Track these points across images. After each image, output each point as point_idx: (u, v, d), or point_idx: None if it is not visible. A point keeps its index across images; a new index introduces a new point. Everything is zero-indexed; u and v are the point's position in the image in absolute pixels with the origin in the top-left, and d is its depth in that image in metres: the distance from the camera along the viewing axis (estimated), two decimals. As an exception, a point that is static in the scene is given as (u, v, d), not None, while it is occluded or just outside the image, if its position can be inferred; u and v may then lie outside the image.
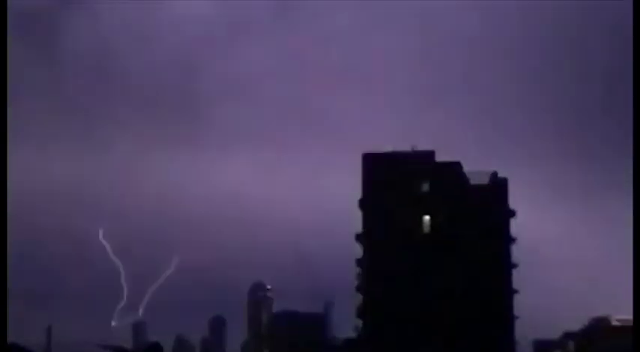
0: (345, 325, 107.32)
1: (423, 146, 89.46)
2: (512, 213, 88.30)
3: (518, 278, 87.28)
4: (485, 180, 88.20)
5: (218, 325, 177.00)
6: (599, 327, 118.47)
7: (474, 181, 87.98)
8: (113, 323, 75.02)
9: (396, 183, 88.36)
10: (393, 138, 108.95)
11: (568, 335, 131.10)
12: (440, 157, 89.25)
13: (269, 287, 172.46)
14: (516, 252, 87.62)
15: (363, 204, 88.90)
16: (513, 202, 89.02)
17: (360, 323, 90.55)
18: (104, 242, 77.05)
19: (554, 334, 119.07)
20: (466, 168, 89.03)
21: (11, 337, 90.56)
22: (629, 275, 67.72)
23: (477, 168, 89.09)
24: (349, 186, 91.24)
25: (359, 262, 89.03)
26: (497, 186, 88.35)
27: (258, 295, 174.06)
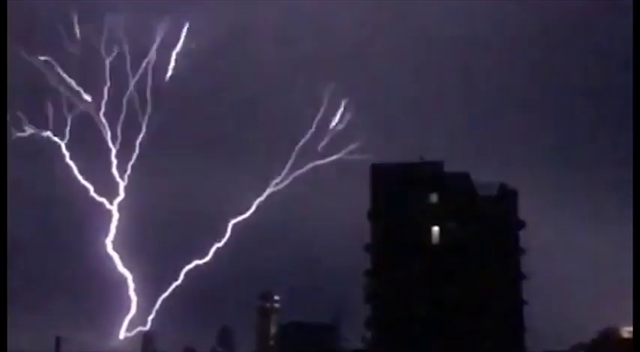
0: (353, 336, 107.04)
1: (430, 156, 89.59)
2: (521, 225, 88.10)
3: (527, 289, 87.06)
4: (493, 192, 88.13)
5: (226, 335, 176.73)
6: (608, 338, 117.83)
7: (482, 192, 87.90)
8: (122, 335, 74.99)
9: (404, 193, 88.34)
10: (401, 149, 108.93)
11: (578, 347, 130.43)
12: (448, 168, 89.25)
13: (277, 297, 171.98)
14: (525, 263, 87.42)
15: (371, 215, 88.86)
16: (523, 213, 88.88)
17: (368, 334, 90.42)
18: (113, 253, 76.94)
19: (564, 346, 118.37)
20: (474, 179, 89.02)
21: (20, 348, 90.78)
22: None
23: (485, 178, 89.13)
24: (357, 196, 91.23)
25: (367, 273, 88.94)
26: (506, 198, 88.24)
27: (266, 305, 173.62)
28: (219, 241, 77.02)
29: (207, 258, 77.05)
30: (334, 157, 76.36)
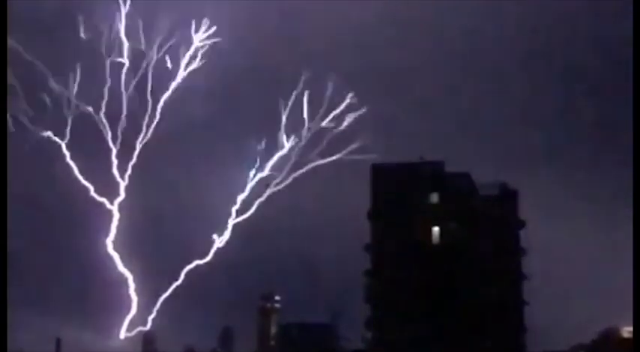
0: (353, 336, 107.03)
1: (430, 156, 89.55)
2: (522, 224, 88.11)
3: (528, 289, 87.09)
4: (494, 192, 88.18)
5: (227, 336, 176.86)
6: (608, 338, 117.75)
7: (482, 192, 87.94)
8: (122, 335, 74.98)
9: (405, 193, 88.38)
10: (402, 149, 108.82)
11: (578, 347, 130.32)
12: (448, 168, 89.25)
13: (278, 298, 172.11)
14: (526, 263, 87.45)
15: (371, 215, 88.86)
16: (523, 213, 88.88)
17: (368, 334, 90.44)
18: (113, 253, 76.94)
19: (564, 346, 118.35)
20: (475, 179, 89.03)
21: (20, 348, 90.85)
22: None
23: (486, 178, 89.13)
24: (357, 196, 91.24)
25: (367, 273, 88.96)
26: (507, 197, 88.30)
27: (266, 306, 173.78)
28: (219, 241, 76.90)
29: (207, 258, 76.97)
30: (334, 157, 76.30)
